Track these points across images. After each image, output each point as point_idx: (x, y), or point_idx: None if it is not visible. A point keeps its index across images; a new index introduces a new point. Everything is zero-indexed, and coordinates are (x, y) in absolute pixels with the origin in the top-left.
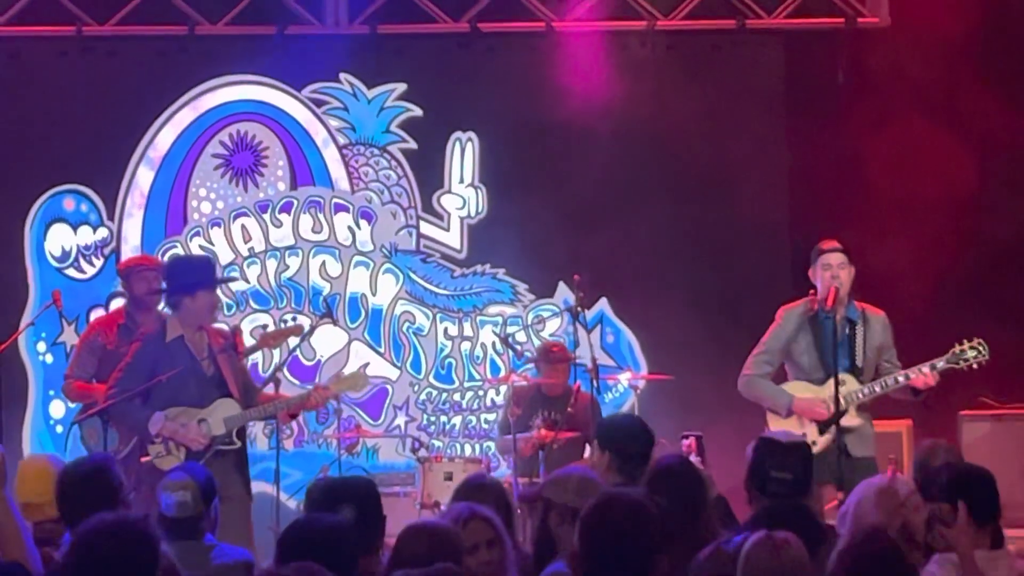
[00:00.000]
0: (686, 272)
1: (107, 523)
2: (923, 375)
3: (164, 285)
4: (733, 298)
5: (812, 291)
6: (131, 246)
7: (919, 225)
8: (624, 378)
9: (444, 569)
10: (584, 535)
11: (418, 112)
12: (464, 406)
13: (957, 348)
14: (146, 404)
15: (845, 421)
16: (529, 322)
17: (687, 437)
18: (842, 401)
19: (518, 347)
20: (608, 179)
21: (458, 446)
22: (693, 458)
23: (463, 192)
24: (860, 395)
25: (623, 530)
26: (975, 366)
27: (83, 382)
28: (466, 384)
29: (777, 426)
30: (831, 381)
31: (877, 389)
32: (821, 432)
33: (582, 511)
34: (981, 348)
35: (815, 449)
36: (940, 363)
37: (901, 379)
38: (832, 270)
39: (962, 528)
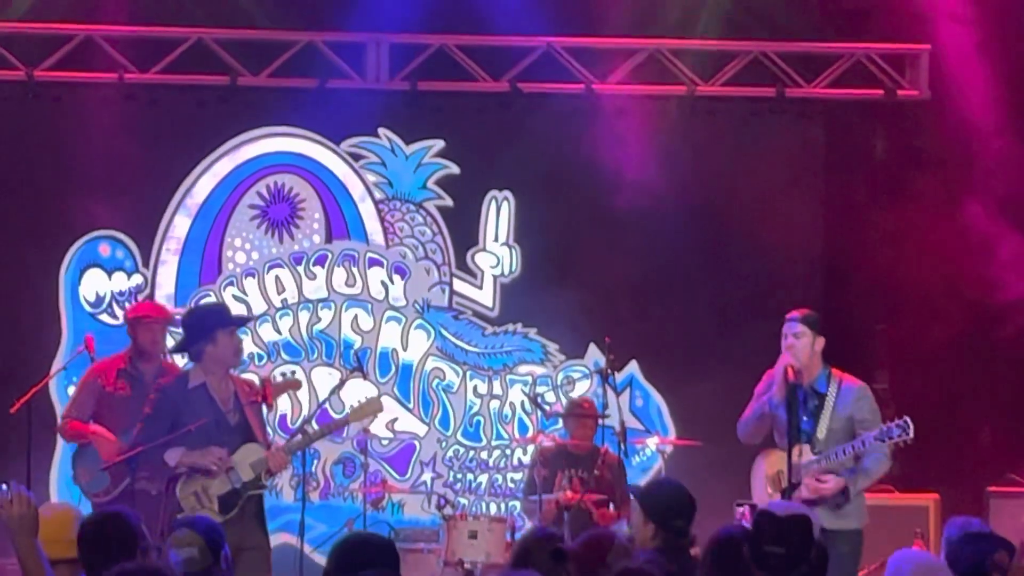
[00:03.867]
0: (717, 339)
1: (128, 570)
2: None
3: (184, 337)
4: (764, 369)
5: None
6: (165, 293)
7: (959, 303)
8: (652, 442)
9: None
10: None
11: (455, 169)
12: (491, 464)
13: (884, 426)
14: None
15: (801, 493)
16: (559, 383)
17: (741, 505)
18: (799, 471)
19: (547, 407)
20: (642, 243)
21: (484, 504)
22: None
23: (497, 251)
24: (814, 466)
25: None
26: (901, 445)
27: (80, 422)
28: (493, 442)
29: (758, 490)
30: (792, 450)
31: (824, 463)
32: (783, 497)
33: None
34: (905, 427)
35: None
36: (869, 439)
37: (838, 456)
38: (788, 340)
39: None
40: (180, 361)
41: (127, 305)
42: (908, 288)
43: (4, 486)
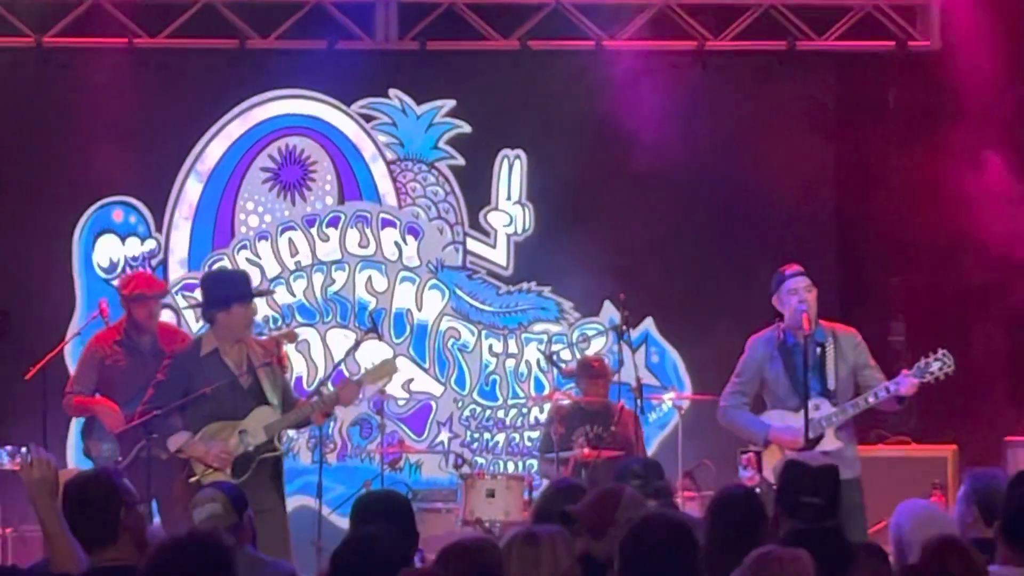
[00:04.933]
0: (732, 293)
1: (179, 538)
2: (911, 384)
3: (201, 299)
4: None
5: (779, 319)
6: (178, 258)
7: (974, 254)
8: (668, 398)
9: None
10: (624, 555)
11: (467, 129)
12: (507, 423)
13: (922, 361)
14: (185, 419)
15: (824, 445)
16: (574, 340)
17: (745, 452)
18: (819, 425)
19: (562, 365)
20: (655, 198)
21: (501, 463)
22: (750, 472)
23: (510, 209)
24: (835, 418)
25: (664, 550)
26: (941, 377)
27: (83, 396)
28: (510, 401)
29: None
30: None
31: (851, 410)
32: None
33: (622, 532)
34: (946, 359)
35: None
36: (904, 380)
37: (871, 399)
38: (799, 295)
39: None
40: (192, 321)
41: (124, 274)
42: (923, 239)
43: (24, 449)
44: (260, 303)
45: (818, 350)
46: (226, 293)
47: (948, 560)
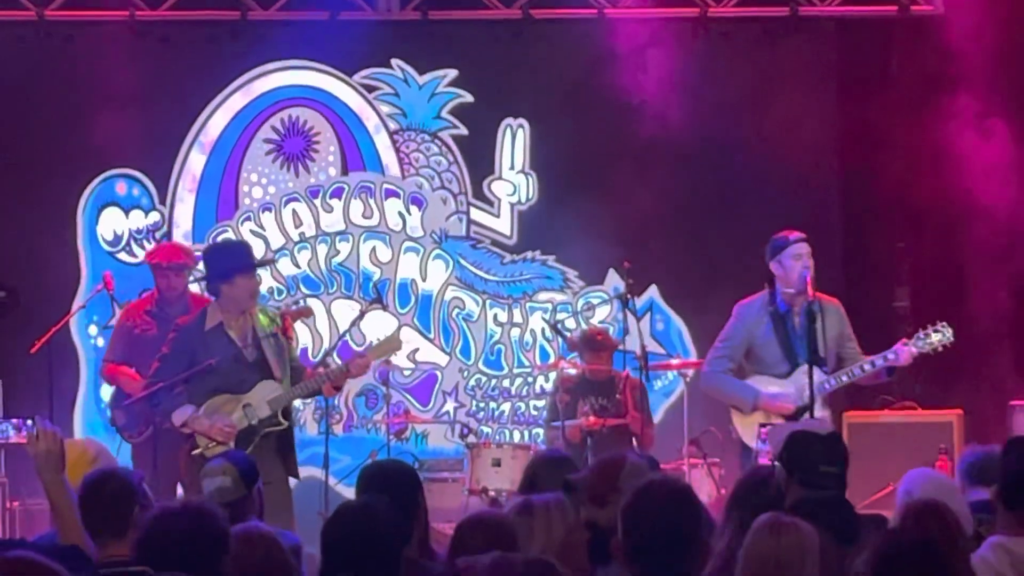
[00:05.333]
0: (736, 259)
1: (172, 509)
2: (908, 354)
3: (204, 272)
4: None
5: (767, 284)
6: (182, 231)
7: (978, 219)
8: (674, 365)
9: (537, 561)
10: (626, 520)
11: (469, 98)
12: (513, 392)
13: (921, 332)
14: (189, 392)
15: (814, 413)
16: (579, 309)
17: (764, 426)
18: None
19: (567, 334)
20: (658, 166)
21: (507, 432)
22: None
23: (514, 179)
24: (827, 385)
25: (666, 514)
26: (939, 349)
27: (115, 364)
28: (515, 370)
29: (741, 422)
30: (796, 373)
31: (844, 379)
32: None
33: (625, 498)
34: (945, 331)
35: None
36: (904, 350)
37: (867, 368)
38: (803, 260)
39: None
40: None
41: (146, 244)
42: (927, 205)
43: (30, 422)
44: (264, 274)
45: (808, 318)
46: (228, 264)
47: (925, 523)
